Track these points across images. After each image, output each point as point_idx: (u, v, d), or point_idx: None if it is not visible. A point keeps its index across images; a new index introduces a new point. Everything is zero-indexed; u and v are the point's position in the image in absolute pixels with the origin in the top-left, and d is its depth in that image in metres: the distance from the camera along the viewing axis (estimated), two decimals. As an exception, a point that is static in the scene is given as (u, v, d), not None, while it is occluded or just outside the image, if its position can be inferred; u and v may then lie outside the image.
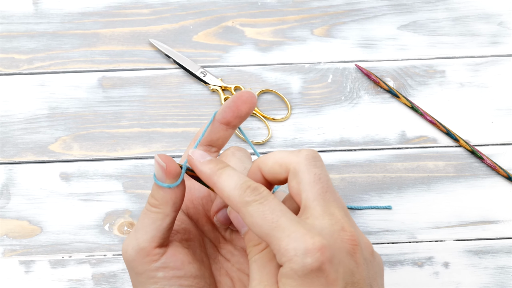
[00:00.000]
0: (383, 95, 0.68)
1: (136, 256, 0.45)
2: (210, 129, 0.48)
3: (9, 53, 0.69)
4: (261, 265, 0.43)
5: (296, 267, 0.40)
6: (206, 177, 0.44)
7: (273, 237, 0.41)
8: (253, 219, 0.41)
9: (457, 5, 0.71)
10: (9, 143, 0.66)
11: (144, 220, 0.45)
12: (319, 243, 0.41)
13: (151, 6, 0.71)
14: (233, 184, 0.43)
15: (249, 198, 0.42)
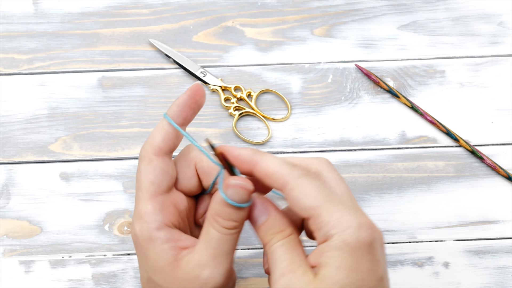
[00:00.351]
0: (383, 95, 0.68)
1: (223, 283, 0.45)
2: (172, 136, 0.48)
3: (9, 53, 0.69)
4: (290, 248, 0.43)
5: (349, 239, 0.40)
6: (247, 158, 0.44)
7: (324, 209, 0.41)
8: (305, 189, 0.42)
9: (457, 5, 0.71)
10: (9, 143, 0.66)
11: (225, 245, 0.45)
12: (369, 222, 0.41)
13: (151, 6, 0.71)
14: (278, 161, 0.43)
15: (301, 172, 0.42)
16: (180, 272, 0.45)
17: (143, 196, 0.47)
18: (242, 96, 0.68)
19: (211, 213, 0.45)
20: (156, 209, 0.47)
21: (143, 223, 0.46)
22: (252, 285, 0.62)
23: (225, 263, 0.45)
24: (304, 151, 0.66)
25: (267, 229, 0.44)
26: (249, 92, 0.68)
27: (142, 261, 0.47)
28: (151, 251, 0.46)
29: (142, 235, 0.46)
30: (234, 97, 0.68)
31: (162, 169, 0.47)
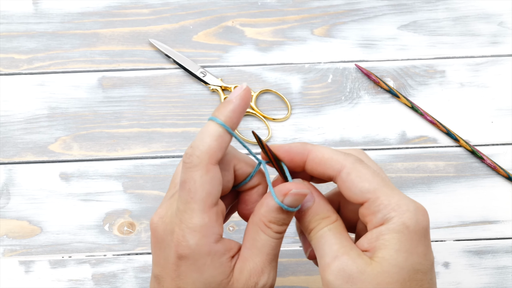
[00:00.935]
0: (383, 95, 0.68)
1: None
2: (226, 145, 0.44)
3: (9, 53, 0.69)
4: (338, 232, 0.43)
5: (409, 222, 0.41)
6: (298, 149, 0.44)
7: (382, 192, 0.41)
8: (362, 174, 0.42)
9: (457, 5, 0.71)
10: (9, 143, 0.66)
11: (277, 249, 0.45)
12: (424, 207, 0.42)
13: (151, 6, 0.71)
14: (331, 149, 0.44)
15: (355, 158, 0.43)
16: (236, 283, 0.44)
17: (199, 208, 0.43)
18: (242, 96, 0.68)
19: (263, 219, 0.44)
20: (213, 221, 0.43)
21: (202, 237, 0.43)
22: (252, 285, 0.62)
23: (276, 265, 0.46)
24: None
25: (313, 214, 0.44)
26: (249, 92, 0.68)
27: (191, 275, 0.44)
28: (208, 266, 0.43)
29: (200, 250, 0.43)
30: (234, 97, 0.68)
31: (218, 179, 0.44)
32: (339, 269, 0.41)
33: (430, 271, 0.42)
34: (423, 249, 0.41)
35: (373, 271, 0.40)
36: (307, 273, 0.62)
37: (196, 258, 0.43)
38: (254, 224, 0.45)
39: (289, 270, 0.62)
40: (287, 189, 0.43)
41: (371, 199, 0.42)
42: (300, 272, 0.62)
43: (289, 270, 0.62)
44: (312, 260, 0.47)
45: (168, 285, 0.45)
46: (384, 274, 0.40)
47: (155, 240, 0.46)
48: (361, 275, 0.40)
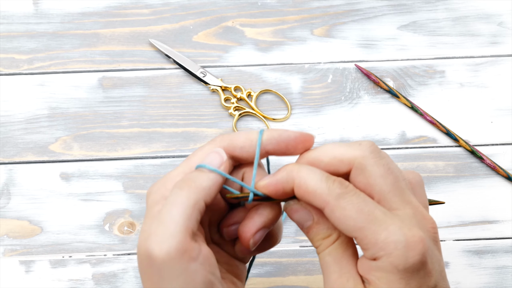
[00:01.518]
0: (383, 95, 0.68)
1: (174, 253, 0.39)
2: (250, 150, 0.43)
3: (9, 53, 0.69)
4: (337, 257, 0.41)
5: (397, 262, 0.39)
6: (284, 178, 0.41)
7: (369, 230, 0.39)
8: (346, 211, 0.39)
9: (457, 5, 0.71)
10: (9, 143, 0.66)
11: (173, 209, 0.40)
12: (418, 235, 0.39)
13: (151, 6, 0.71)
14: (317, 178, 0.40)
15: (340, 191, 0.40)
16: None
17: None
18: (242, 96, 0.68)
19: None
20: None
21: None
22: (252, 285, 0.62)
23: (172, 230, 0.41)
24: (304, 151, 0.66)
25: (314, 234, 0.43)
26: (249, 92, 0.68)
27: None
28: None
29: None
30: (234, 97, 0.68)
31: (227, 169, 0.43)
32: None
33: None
34: (417, 282, 0.39)
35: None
36: (307, 273, 0.62)
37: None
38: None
39: (289, 270, 0.62)
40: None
41: (359, 237, 0.40)
42: (300, 272, 0.62)
43: (289, 270, 0.62)
44: None
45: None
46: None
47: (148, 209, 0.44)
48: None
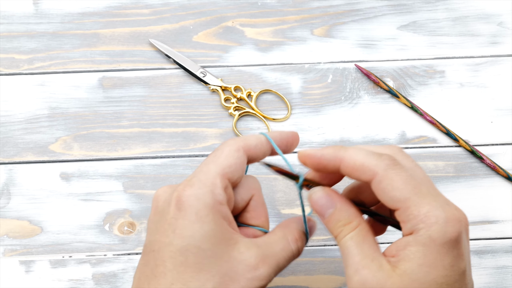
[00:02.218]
0: (383, 95, 0.68)
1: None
2: (263, 150, 0.48)
3: (9, 53, 0.69)
4: (359, 240, 0.43)
5: (436, 235, 0.40)
6: (331, 157, 0.44)
7: (412, 202, 0.41)
8: (393, 182, 0.41)
9: (457, 5, 0.71)
10: (9, 143, 0.66)
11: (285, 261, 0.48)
12: (457, 215, 0.41)
13: (151, 6, 0.71)
14: (364, 153, 0.43)
15: (389, 162, 0.42)
16: (237, 251, 0.44)
17: (215, 170, 0.45)
18: (242, 96, 0.68)
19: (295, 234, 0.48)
20: (223, 186, 0.45)
21: (209, 191, 0.44)
22: (252, 285, 0.62)
23: (276, 274, 0.46)
24: (304, 151, 0.66)
25: (334, 222, 0.44)
26: (249, 92, 0.68)
27: (191, 227, 0.43)
28: (211, 219, 0.43)
29: (205, 202, 0.43)
30: (234, 97, 0.68)
31: (242, 163, 0.47)
32: (360, 283, 0.41)
33: (458, 281, 0.41)
34: (451, 260, 0.41)
35: (392, 286, 0.40)
36: (307, 273, 0.62)
37: (200, 208, 0.43)
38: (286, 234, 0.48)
39: (289, 270, 0.62)
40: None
41: (402, 208, 0.41)
42: (300, 272, 0.62)
43: (289, 270, 0.62)
44: None
45: (160, 245, 0.44)
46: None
47: (154, 211, 0.46)
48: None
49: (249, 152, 0.47)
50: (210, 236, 0.43)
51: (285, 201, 0.64)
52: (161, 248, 0.44)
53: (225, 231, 0.44)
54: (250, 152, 0.47)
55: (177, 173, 0.65)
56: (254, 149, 0.47)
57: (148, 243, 0.46)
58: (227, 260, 0.44)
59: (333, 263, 0.62)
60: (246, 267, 0.44)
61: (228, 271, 0.44)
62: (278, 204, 0.64)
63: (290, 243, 0.47)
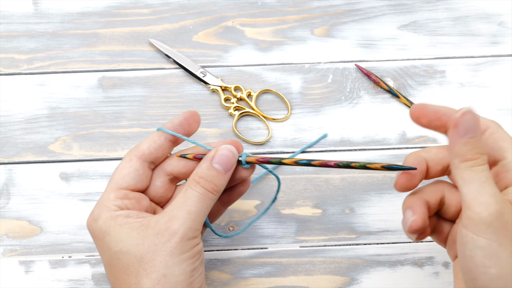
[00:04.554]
0: (383, 95, 0.68)
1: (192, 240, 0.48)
2: (158, 147, 0.53)
3: (9, 53, 0.69)
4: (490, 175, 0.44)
5: None
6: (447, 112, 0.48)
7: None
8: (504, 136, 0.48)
9: (457, 5, 0.71)
10: (9, 143, 0.66)
11: (200, 204, 0.49)
12: None
13: (151, 6, 0.71)
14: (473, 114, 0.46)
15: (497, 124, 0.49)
16: (150, 230, 0.48)
17: (110, 187, 0.51)
18: (242, 96, 0.68)
19: (193, 177, 0.50)
20: (117, 197, 0.51)
21: (103, 207, 0.50)
22: (252, 285, 0.62)
23: (198, 220, 0.49)
24: (304, 151, 0.66)
25: (474, 146, 0.45)
26: (249, 92, 0.68)
27: (103, 242, 0.49)
28: (113, 227, 0.49)
29: (101, 217, 0.49)
30: (234, 97, 0.68)
31: (137, 170, 0.52)
32: (497, 210, 0.42)
33: None
34: None
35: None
36: (307, 273, 0.62)
37: (100, 225, 0.49)
38: (186, 183, 0.50)
39: (289, 270, 0.62)
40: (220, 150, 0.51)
41: (508, 158, 0.46)
42: (300, 272, 0.62)
43: (289, 270, 0.62)
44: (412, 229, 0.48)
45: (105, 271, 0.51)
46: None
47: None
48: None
49: (144, 156, 0.52)
50: (119, 238, 0.48)
51: (285, 201, 0.64)
52: (105, 271, 0.51)
53: (132, 225, 0.48)
54: (145, 155, 0.52)
55: (177, 173, 0.65)
56: (148, 151, 0.52)
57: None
58: (143, 243, 0.47)
59: (333, 263, 0.62)
60: (158, 235, 0.47)
61: (148, 249, 0.47)
62: (278, 204, 0.64)
63: (193, 189, 0.49)
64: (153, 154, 0.52)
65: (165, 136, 0.53)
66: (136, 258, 0.47)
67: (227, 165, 0.51)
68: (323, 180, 0.65)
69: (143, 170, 0.52)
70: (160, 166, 0.54)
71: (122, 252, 0.48)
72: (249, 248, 0.63)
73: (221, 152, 0.51)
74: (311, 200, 0.64)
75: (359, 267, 0.62)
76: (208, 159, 0.51)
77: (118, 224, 0.49)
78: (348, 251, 0.63)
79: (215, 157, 0.51)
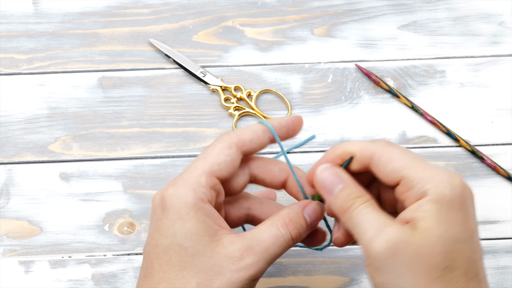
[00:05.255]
0: (383, 95, 0.68)
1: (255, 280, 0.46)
2: (260, 142, 0.49)
3: (8, 53, 0.69)
4: (375, 209, 0.44)
5: (445, 191, 0.42)
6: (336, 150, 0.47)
7: (415, 168, 0.43)
8: (393, 154, 0.44)
9: (457, 5, 0.71)
10: (8, 143, 0.66)
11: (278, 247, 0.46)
12: (460, 177, 0.43)
13: (151, 6, 0.71)
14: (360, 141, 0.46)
15: (385, 142, 0.45)
16: (220, 247, 0.44)
17: (202, 168, 0.46)
18: (242, 96, 0.68)
19: (284, 217, 0.47)
20: (208, 185, 0.46)
21: (191, 188, 0.45)
22: (252, 285, 0.62)
23: (270, 263, 0.46)
24: (304, 151, 0.66)
25: (346, 195, 0.45)
26: (249, 92, 0.68)
27: (172, 224, 0.44)
28: (191, 218, 0.44)
29: (186, 198, 0.44)
30: (234, 97, 0.68)
31: (234, 160, 0.47)
32: (385, 240, 0.41)
33: (470, 239, 0.42)
34: (461, 216, 0.42)
35: (417, 242, 0.41)
36: (307, 273, 0.62)
37: (181, 207, 0.44)
38: (275, 220, 0.47)
39: (289, 270, 0.62)
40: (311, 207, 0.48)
41: (405, 177, 0.43)
42: (300, 272, 0.62)
43: (289, 270, 0.62)
44: (337, 244, 0.48)
45: (149, 247, 0.46)
46: (428, 245, 0.41)
47: (151, 213, 0.47)
48: (407, 246, 0.41)
49: (244, 148, 0.47)
50: (192, 233, 0.44)
51: (285, 201, 0.64)
52: (150, 250, 0.46)
53: (208, 228, 0.45)
54: (245, 147, 0.48)
55: (177, 173, 0.65)
56: (249, 144, 0.48)
57: (145, 246, 0.47)
58: (211, 256, 0.44)
59: (333, 263, 0.62)
60: (230, 260, 0.44)
61: (213, 266, 0.44)
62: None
63: (279, 228, 0.46)
64: (252, 148, 0.48)
65: (269, 133, 0.49)
66: (197, 267, 0.44)
67: (315, 221, 0.48)
68: (323, 180, 0.65)
69: (238, 162, 0.47)
70: (248, 164, 0.50)
71: (187, 252, 0.44)
72: (249, 248, 0.63)
73: (314, 207, 0.48)
74: (311, 200, 0.64)
75: (359, 267, 0.62)
76: (300, 206, 0.48)
77: (197, 218, 0.44)
78: (348, 251, 0.63)
79: (308, 207, 0.48)
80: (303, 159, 0.66)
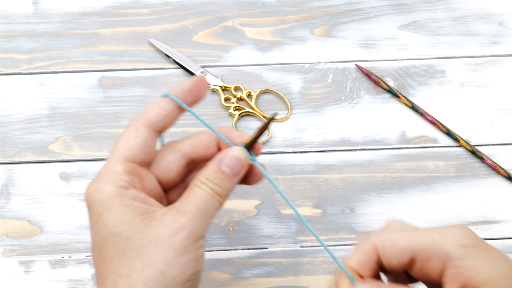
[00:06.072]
0: (383, 95, 0.68)
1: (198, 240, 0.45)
2: (166, 115, 0.48)
3: (9, 53, 0.69)
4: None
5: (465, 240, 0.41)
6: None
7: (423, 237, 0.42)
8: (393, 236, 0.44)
9: (457, 5, 0.71)
10: (9, 143, 0.66)
11: (208, 204, 0.46)
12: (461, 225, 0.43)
13: (151, 6, 0.71)
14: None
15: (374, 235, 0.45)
16: (154, 221, 0.44)
17: (115, 157, 0.46)
18: (242, 96, 0.68)
19: (200, 178, 0.46)
20: (125, 171, 0.46)
21: (109, 180, 0.46)
22: (252, 285, 0.62)
23: (206, 220, 0.46)
24: (304, 151, 0.66)
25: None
26: (249, 92, 0.68)
27: (101, 218, 0.45)
28: (117, 206, 0.45)
29: (107, 191, 0.45)
30: (234, 97, 0.68)
31: (145, 140, 0.47)
32: None
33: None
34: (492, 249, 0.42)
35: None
36: (307, 273, 0.62)
37: (104, 199, 0.45)
38: (193, 182, 0.47)
39: (289, 270, 0.62)
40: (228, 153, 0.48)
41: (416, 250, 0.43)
42: (300, 272, 0.62)
43: (289, 270, 0.62)
44: None
45: (91, 247, 0.46)
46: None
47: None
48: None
49: (153, 125, 0.47)
50: (122, 218, 0.44)
51: (285, 201, 0.64)
52: (92, 250, 0.46)
53: (137, 209, 0.45)
54: (154, 124, 0.47)
55: (177, 173, 0.65)
56: (156, 119, 0.47)
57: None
58: (146, 232, 0.44)
59: (333, 263, 0.62)
60: (165, 228, 0.44)
61: (151, 240, 0.44)
62: (278, 204, 0.64)
63: (200, 188, 0.46)
64: (162, 123, 0.48)
65: (173, 103, 0.48)
66: (136, 247, 0.43)
67: (237, 168, 0.47)
68: (323, 180, 0.65)
69: (151, 141, 0.48)
70: (178, 146, 0.50)
71: (121, 237, 0.44)
72: (249, 248, 0.63)
73: (231, 154, 0.47)
74: (311, 200, 0.64)
75: (359, 267, 0.62)
76: (217, 160, 0.47)
77: (123, 203, 0.44)
78: (348, 251, 0.63)
79: (225, 159, 0.47)
80: (303, 159, 0.66)
